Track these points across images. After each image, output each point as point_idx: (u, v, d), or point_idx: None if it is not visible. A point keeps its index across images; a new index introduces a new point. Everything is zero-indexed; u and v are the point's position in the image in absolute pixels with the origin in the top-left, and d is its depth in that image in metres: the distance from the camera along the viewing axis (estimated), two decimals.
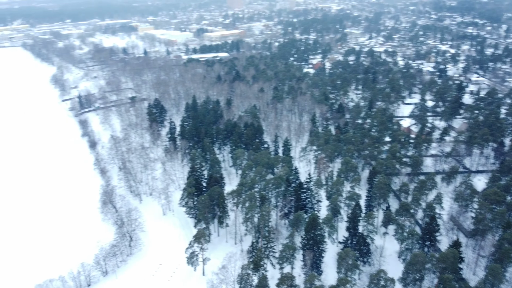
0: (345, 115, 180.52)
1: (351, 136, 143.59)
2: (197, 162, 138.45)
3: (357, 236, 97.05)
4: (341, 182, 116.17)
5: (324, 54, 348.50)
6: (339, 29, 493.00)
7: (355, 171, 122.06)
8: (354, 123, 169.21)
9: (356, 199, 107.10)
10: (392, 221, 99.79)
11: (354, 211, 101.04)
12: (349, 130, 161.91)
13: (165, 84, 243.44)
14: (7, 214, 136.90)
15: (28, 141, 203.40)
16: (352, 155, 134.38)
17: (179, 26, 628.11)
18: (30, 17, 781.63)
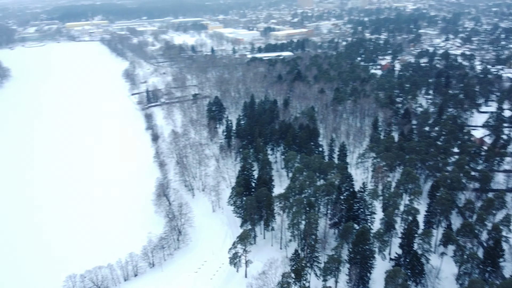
0: (411, 121, 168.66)
1: (415, 144, 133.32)
2: (248, 162, 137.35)
3: (411, 254, 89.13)
4: (399, 194, 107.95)
5: (395, 55, 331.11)
6: (413, 29, 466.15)
7: (416, 183, 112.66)
8: (420, 131, 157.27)
9: (414, 213, 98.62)
10: (452, 241, 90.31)
11: (410, 227, 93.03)
12: (414, 137, 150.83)
13: (227, 82, 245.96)
14: (68, 198, 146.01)
15: (98, 130, 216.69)
16: (414, 165, 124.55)
17: (247, 24, 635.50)
18: (110, 13, 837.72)
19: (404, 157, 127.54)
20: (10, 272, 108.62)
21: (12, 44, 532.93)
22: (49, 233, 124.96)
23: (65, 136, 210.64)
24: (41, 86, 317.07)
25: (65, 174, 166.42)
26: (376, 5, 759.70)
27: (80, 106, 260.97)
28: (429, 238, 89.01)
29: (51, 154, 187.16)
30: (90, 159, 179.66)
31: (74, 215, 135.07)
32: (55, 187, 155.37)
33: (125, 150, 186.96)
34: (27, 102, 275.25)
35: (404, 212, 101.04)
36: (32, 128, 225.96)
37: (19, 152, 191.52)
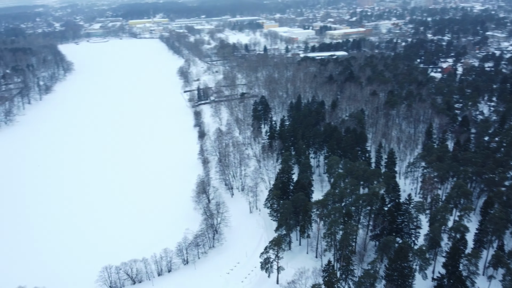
0: (470, 130, 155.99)
1: (471, 155, 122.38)
2: (288, 165, 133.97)
3: (455, 276, 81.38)
4: (448, 209, 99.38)
5: (457, 57, 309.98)
6: (479, 31, 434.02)
7: (468, 198, 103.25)
8: (479, 141, 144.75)
9: (462, 231, 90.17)
10: (502, 264, 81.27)
11: (456, 246, 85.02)
12: (471, 148, 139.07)
13: (276, 82, 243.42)
14: (114, 190, 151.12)
15: (149, 125, 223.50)
16: (468, 178, 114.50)
17: (303, 23, 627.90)
18: (171, 11, 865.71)
19: (457, 169, 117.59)
20: (51, 261, 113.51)
21: (78, 39, 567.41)
22: (91, 225, 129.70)
23: (116, 129, 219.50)
24: (100, 80, 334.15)
25: (112, 166, 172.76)
26: (441, 5, 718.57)
27: (135, 101, 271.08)
28: (477, 259, 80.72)
29: (101, 146, 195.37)
30: (138, 153, 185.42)
31: (118, 208, 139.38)
32: (102, 178, 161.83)
33: (172, 146, 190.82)
34: (85, 94, 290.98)
35: (452, 229, 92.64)
36: (86, 119, 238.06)
37: (68, 143, 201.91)
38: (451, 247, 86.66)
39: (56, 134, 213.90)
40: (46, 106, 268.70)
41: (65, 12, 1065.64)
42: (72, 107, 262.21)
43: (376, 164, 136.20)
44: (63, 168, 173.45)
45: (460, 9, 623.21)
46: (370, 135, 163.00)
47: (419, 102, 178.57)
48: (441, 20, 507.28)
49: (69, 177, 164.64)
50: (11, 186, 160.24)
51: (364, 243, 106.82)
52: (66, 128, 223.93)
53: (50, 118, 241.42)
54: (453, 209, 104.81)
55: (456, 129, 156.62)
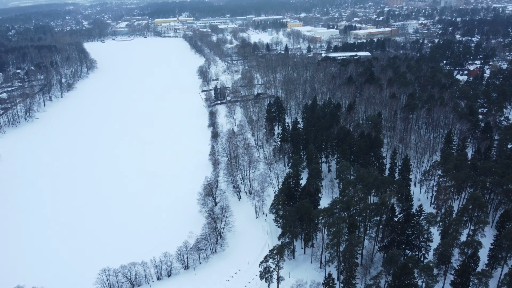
0: (493, 137, 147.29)
1: (491, 164, 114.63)
2: (298, 169, 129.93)
3: None
4: (461, 222, 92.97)
5: (486, 60, 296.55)
6: (511, 32, 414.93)
7: (484, 211, 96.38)
8: (501, 149, 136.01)
9: (475, 247, 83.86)
10: None
11: (466, 263, 78.98)
12: (492, 156, 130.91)
13: (293, 82, 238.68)
14: (121, 189, 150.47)
15: (164, 123, 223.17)
16: (486, 189, 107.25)
17: (328, 22, 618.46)
18: (197, 10, 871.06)
19: (475, 179, 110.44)
20: (51, 261, 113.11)
21: (104, 38, 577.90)
22: (96, 226, 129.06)
23: (131, 128, 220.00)
24: (122, 78, 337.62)
25: (123, 166, 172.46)
26: (472, 5, 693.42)
27: (153, 100, 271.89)
28: (488, 278, 74.52)
29: (114, 146, 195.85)
30: (150, 152, 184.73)
31: (124, 208, 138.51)
32: (111, 178, 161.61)
33: (185, 146, 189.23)
34: (105, 92, 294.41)
35: (463, 244, 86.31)
36: (103, 117, 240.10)
37: (82, 141, 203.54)
38: (460, 264, 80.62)
39: (72, 132, 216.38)
40: (67, 103, 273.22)
41: (94, 11, 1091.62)
42: (91, 105, 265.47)
43: (390, 171, 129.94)
44: (73, 167, 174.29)
45: (492, 10, 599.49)
46: (386, 140, 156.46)
47: (440, 106, 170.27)
48: (471, 20, 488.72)
49: (78, 177, 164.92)
50: (20, 183, 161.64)
51: (372, 254, 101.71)
52: (82, 126, 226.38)
53: (69, 116, 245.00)
54: (468, 222, 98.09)
55: (477, 135, 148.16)
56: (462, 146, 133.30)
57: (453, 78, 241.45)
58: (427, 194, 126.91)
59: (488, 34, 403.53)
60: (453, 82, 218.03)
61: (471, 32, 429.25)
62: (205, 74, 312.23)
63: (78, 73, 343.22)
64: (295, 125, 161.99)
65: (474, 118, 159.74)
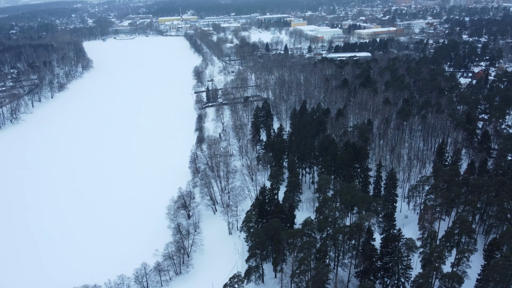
0: (490, 148, 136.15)
1: (484, 181, 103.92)
2: (279, 181, 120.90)
3: None
4: (444, 250, 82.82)
5: (492, 61, 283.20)
6: None
7: (471, 237, 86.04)
8: (499, 161, 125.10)
9: (456, 284, 73.80)
10: None
11: None
12: (489, 170, 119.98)
13: (288, 85, 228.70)
14: (94, 199, 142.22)
15: (150, 127, 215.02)
16: (476, 209, 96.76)
17: (333, 21, 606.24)
18: (202, 8, 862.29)
19: (465, 197, 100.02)
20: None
21: (106, 36, 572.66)
22: (56, 239, 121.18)
23: (117, 131, 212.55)
24: (116, 78, 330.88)
25: (100, 173, 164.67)
26: (482, 4, 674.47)
27: (145, 102, 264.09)
28: None
29: (96, 150, 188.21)
30: (131, 158, 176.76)
31: (88, 222, 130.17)
32: (87, 185, 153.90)
33: (168, 152, 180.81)
34: (98, 93, 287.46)
35: (445, 277, 76.23)
36: (91, 119, 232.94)
37: (65, 144, 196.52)
38: None
39: (55, 134, 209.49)
40: (56, 104, 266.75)
41: (102, 9, 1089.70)
42: (80, 106, 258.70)
43: (376, 184, 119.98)
44: (50, 173, 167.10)
45: (502, 9, 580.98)
46: (377, 150, 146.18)
47: (436, 112, 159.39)
48: (479, 20, 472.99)
49: (54, 182, 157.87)
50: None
51: (348, 280, 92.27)
52: (67, 128, 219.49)
53: (56, 117, 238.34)
54: (454, 248, 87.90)
55: (474, 146, 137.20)
56: (455, 158, 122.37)
57: (455, 81, 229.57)
58: (414, 211, 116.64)
59: (496, 34, 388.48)
60: (453, 85, 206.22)
61: (479, 32, 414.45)
62: (200, 75, 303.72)
63: (72, 73, 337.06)
64: (280, 132, 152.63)
65: (472, 127, 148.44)
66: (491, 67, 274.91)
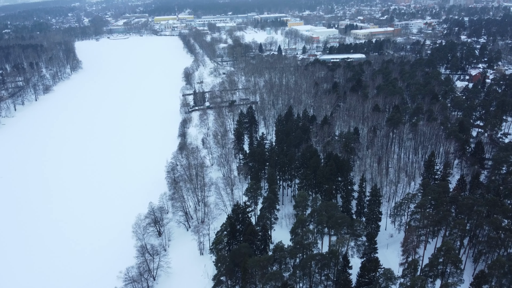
0: (483, 160, 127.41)
1: (474, 200, 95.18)
2: (257, 196, 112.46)
3: None
4: (425, 282, 74.35)
5: (490, 63, 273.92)
6: None
7: (457, 267, 77.45)
8: (493, 176, 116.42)
9: None
10: None
11: None
12: (483, 183, 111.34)
13: (275, 88, 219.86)
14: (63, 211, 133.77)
15: (133, 132, 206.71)
16: (463, 233, 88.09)
17: (330, 21, 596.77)
18: (200, 7, 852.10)
19: (452, 219, 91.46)
20: None
21: (100, 36, 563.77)
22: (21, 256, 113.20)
23: (99, 134, 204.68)
24: (105, 80, 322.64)
25: (70, 178, 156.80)
26: (482, 3, 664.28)
27: (131, 105, 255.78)
28: None
29: (74, 157, 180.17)
30: (106, 166, 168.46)
31: (50, 233, 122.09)
32: (57, 197, 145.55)
33: (147, 160, 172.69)
34: (84, 95, 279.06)
35: None
36: (73, 122, 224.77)
37: (44, 150, 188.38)
38: None
39: (37, 140, 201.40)
40: (40, 107, 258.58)
41: (100, 7, 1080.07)
42: (65, 109, 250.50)
43: (359, 201, 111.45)
44: (21, 180, 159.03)
45: (502, 9, 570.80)
46: (365, 161, 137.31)
47: (428, 120, 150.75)
48: (479, 20, 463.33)
49: (22, 192, 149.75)
50: None
51: None
52: (47, 132, 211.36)
53: (38, 121, 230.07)
54: (437, 280, 79.40)
55: (467, 157, 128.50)
56: (445, 173, 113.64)
57: (451, 84, 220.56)
58: (399, 231, 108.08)
59: (495, 35, 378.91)
60: (448, 90, 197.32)
61: (477, 32, 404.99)
62: (189, 77, 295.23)
63: (59, 74, 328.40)
64: (261, 141, 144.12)
65: (465, 136, 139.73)
66: (489, 69, 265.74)
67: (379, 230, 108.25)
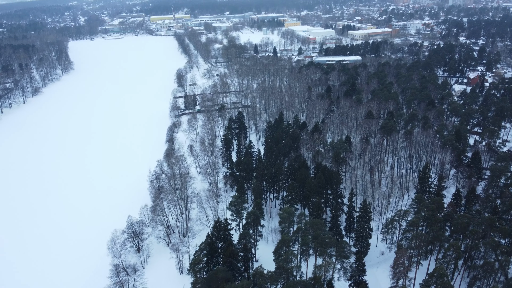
0: (480, 172, 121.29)
1: (470, 219, 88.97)
2: (241, 211, 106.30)
3: None
4: None
5: (489, 66, 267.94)
6: None
7: None
8: (490, 188, 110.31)
9: None
10: None
11: None
12: (480, 197, 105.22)
13: (267, 92, 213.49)
14: (42, 221, 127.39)
15: (122, 138, 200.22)
16: (457, 256, 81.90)
17: (328, 21, 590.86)
18: (197, 7, 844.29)
19: (445, 240, 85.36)
20: None
21: (95, 35, 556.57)
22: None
23: (84, 140, 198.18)
24: (96, 81, 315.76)
25: (52, 186, 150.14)
26: (482, 4, 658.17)
27: (122, 107, 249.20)
28: None
29: (59, 164, 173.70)
30: (88, 174, 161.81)
31: (36, 245, 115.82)
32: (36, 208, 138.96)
33: (132, 166, 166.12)
34: (74, 97, 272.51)
35: None
36: (60, 125, 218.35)
37: (29, 156, 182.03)
38: None
39: (20, 145, 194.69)
40: (27, 110, 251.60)
41: (97, 6, 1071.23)
42: (53, 113, 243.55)
43: (348, 216, 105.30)
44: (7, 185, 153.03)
45: (502, 9, 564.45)
46: (357, 171, 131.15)
47: (423, 128, 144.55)
48: (477, 21, 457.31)
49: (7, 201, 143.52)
50: None
51: None
52: (33, 137, 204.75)
53: (25, 125, 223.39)
54: None
55: (464, 168, 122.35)
56: (438, 187, 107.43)
57: (448, 89, 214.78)
58: (390, 249, 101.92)
59: (494, 36, 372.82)
60: (445, 95, 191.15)
61: (476, 34, 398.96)
62: (182, 78, 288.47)
63: (49, 75, 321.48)
64: (249, 150, 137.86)
65: (462, 145, 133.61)
66: (488, 72, 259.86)
67: (369, 247, 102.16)
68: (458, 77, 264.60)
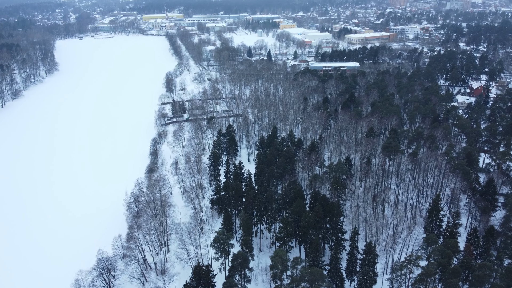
0: (496, 203, 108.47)
1: (489, 269, 76.00)
2: (227, 248, 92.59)
3: None
4: None
5: (492, 75, 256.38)
6: None
7: None
8: (507, 223, 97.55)
9: None
10: None
11: None
12: (498, 235, 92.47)
13: (260, 103, 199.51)
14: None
15: (103, 148, 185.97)
16: None
17: (324, 24, 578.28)
18: (191, 6, 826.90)
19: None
20: None
21: (84, 34, 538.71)
22: None
23: (62, 151, 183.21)
24: (81, 84, 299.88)
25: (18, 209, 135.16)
26: (480, 8, 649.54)
27: (102, 114, 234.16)
28: None
29: (29, 171, 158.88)
30: (61, 194, 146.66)
31: None
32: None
33: (109, 186, 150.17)
34: (56, 101, 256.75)
35: None
36: (40, 133, 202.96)
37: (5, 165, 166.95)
38: None
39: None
40: (4, 115, 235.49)
41: (89, 3, 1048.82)
42: (30, 118, 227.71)
43: (350, 258, 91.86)
44: None
45: (500, 14, 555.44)
46: (357, 200, 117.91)
47: (429, 149, 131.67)
48: (477, 26, 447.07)
49: None
50: None
51: None
52: (7, 144, 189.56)
53: (2, 132, 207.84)
54: None
55: (477, 199, 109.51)
56: (452, 225, 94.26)
57: (452, 101, 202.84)
58: None
59: (495, 43, 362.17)
60: (450, 109, 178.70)
61: (476, 40, 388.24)
62: (171, 83, 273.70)
63: (32, 77, 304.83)
64: (237, 171, 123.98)
65: (474, 170, 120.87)
66: (492, 81, 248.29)
67: None
68: (461, 86, 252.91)
